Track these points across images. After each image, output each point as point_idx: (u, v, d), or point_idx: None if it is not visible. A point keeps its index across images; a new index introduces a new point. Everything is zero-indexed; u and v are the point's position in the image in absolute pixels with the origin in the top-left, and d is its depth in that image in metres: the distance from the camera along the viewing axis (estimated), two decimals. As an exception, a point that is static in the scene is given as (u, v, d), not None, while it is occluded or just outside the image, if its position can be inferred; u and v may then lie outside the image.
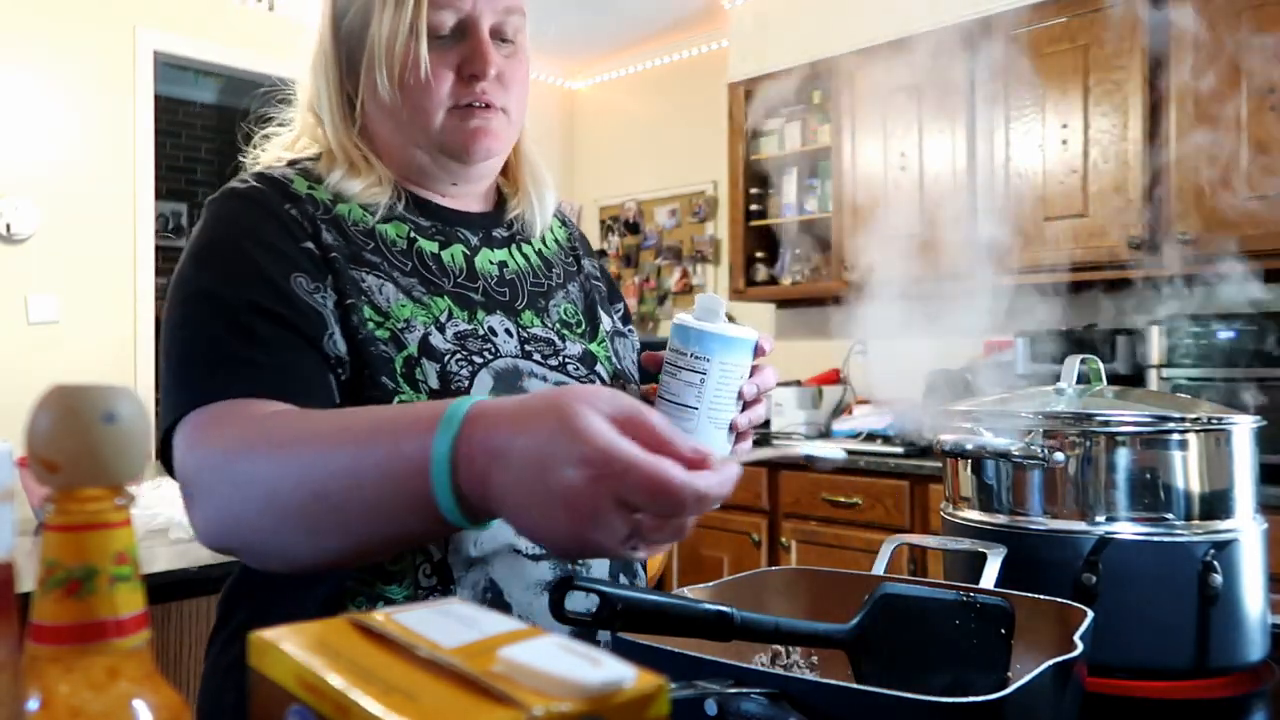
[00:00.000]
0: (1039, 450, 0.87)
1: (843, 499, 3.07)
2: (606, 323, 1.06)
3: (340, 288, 0.85)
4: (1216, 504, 0.86)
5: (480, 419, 0.62)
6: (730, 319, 0.92)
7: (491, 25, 0.91)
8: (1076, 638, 0.62)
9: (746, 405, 0.88)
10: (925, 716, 0.53)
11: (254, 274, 0.82)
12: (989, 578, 0.80)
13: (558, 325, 0.99)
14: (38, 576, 0.36)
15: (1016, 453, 0.88)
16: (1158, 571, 0.83)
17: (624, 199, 4.70)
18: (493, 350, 0.90)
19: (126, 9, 3.66)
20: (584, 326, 1.02)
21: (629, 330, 1.10)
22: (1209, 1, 2.65)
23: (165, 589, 1.52)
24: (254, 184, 0.90)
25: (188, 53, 3.83)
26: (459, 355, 0.87)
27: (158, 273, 3.74)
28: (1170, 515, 0.85)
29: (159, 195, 3.92)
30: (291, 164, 0.95)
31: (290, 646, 0.36)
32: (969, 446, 0.91)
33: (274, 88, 1.03)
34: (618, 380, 1.01)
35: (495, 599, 0.84)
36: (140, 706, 0.36)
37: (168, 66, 4.05)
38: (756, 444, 0.86)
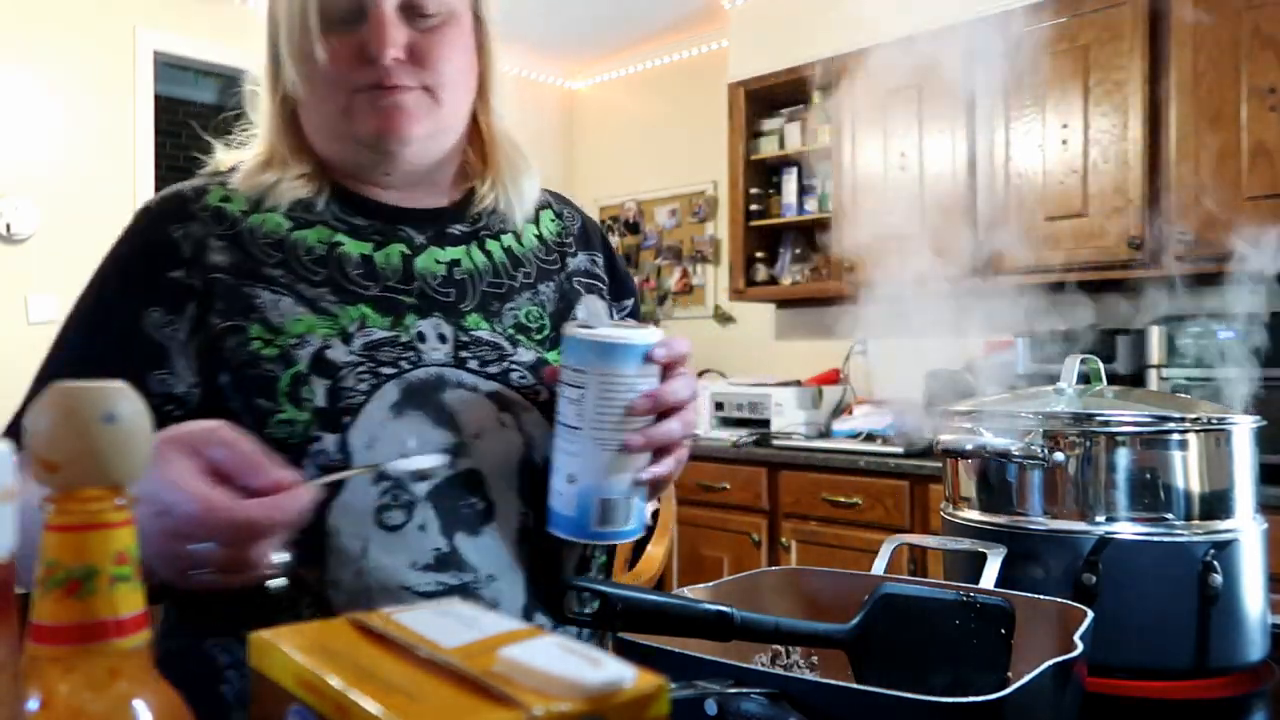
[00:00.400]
0: (1039, 450, 0.87)
1: (843, 499, 3.07)
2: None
3: (220, 309, 0.84)
4: (1216, 504, 0.86)
5: None
6: (665, 325, 0.87)
7: (389, 7, 0.85)
8: (1076, 638, 0.62)
9: (661, 418, 0.77)
10: (925, 716, 0.53)
11: (110, 306, 0.86)
12: (989, 578, 0.80)
13: (510, 330, 0.93)
14: (37, 577, 0.36)
15: (1016, 453, 0.88)
16: (1158, 571, 0.83)
17: (624, 199, 4.70)
18: (413, 359, 0.86)
19: (126, 9, 3.66)
20: (546, 332, 0.95)
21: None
22: (1209, 2, 2.65)
23: (165, 589, 1.52)
24: (165, 197, 0.91)
25: (188, 53, 3.83)
26: (361, 368, 0.84)
27: (158, 273, 3.73)
28: (1170, 515, 0.85)
29: (159, 195, 3.91)
30: (234, 168, 0.93)
31: (290, 647, 0.36)
32: (969, 446, 0.91)
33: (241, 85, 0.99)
34: None
35: None
36: (140, 707, 0.36)
37: (168, 66, 4.05)
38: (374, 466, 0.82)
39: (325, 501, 0.79)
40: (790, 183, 3.81)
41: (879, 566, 0.88)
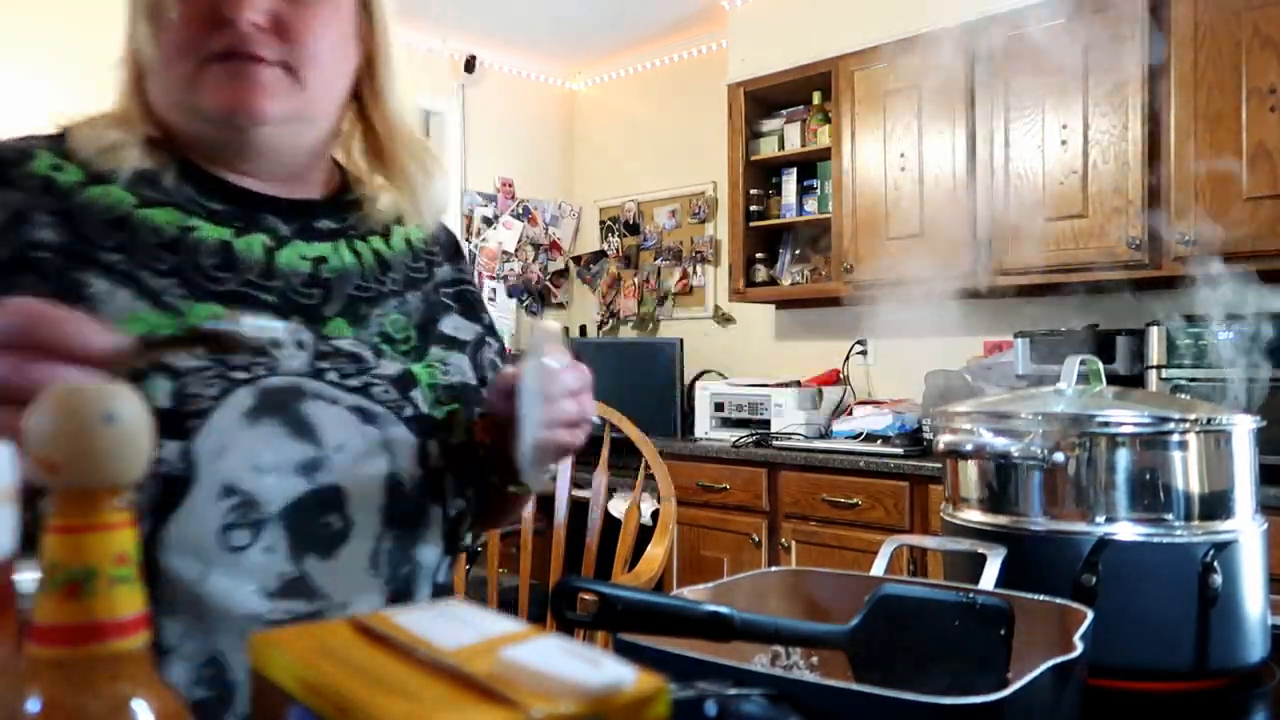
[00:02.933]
0: (1039, 451, 0.87)
1: (843, 500, 3.07)
2: (473, 332, 0.95)
3: (47, 295, 0.70)
4: (1216, 505, 0.86)
5: None
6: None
7: None
8: (1076, 638, 0.62)
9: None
10: (925, 717, 0.53)
11: None
12: (989, 579, 0.80)
13: (375, 338, 0.85)
14: (38, 577, 0.36)
15: (1016, 453, 0.88)
16: (1158, 572, 0.83)
17: (624, 199, 4.70)
18: (268, 365, 0.77)
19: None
20: (412, 343, 0.88)
21: (490, 341, 0.98)
22: (1209, 2, 2.65)
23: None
24: None
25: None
26: (210, 371, 0.74)
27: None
28: (1170, 516, 0.85)
29: (159, 196, 3.91)
30: (66, 131, 0.81)
31: (291, 648, 0.36)
32: (969, 447, 0.91)
33: None
34: (440, 405, 0.87)
35: (218, 679, 0.72)
36: (140, 708, 0.36)
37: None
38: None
39: (158, 517, 0.70)
40: (790, 183, 3.82)
41: (878, 567, 0.88)
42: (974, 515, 0.93)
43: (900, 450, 3.06)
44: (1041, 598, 0.73)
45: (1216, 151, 2.64)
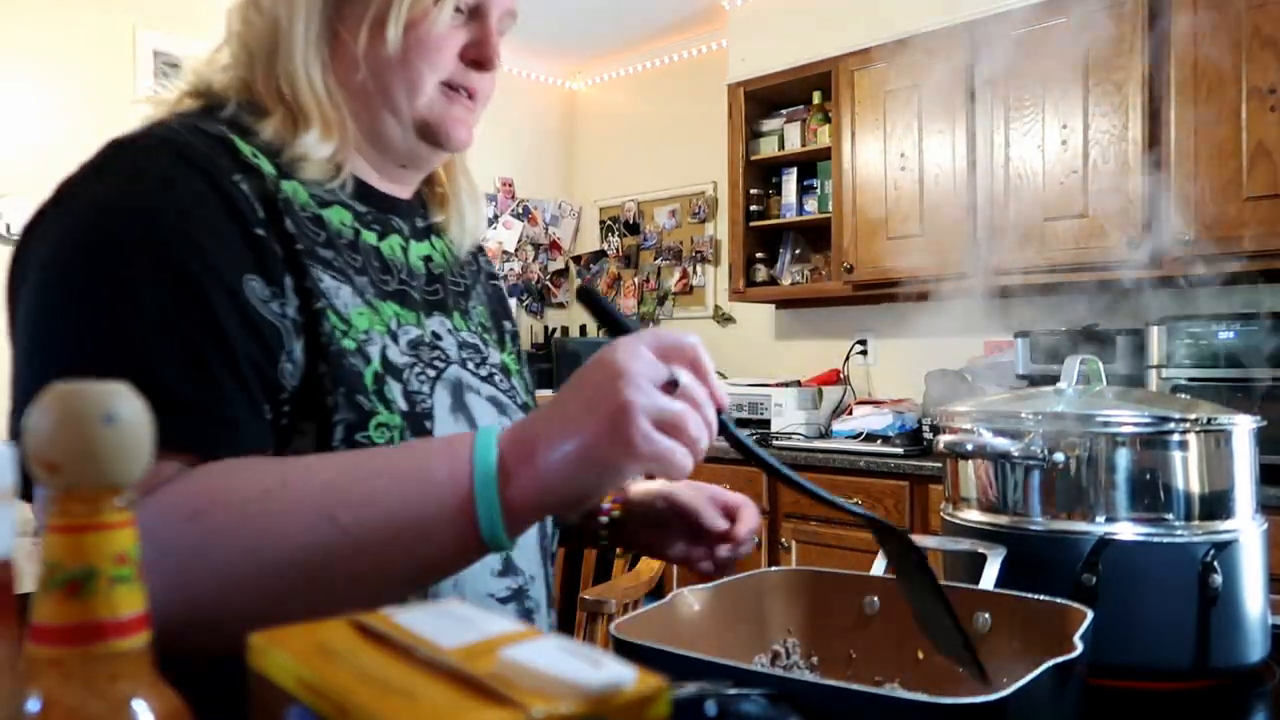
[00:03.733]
0: (1039, 451, 0.87)
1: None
2: (507, 327, 0.98)
3: (305, 288, 0.71)
4: (1216, 504, 0.86)
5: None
6: None
7: (496, 18, 0.84)
8: (1076, 638, 0.62)
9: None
10: (925, 717, 0.53)
11: (202, 270, 0.65)
12: (989, 578, 0.80)
13: (479, 329, 0.90)
14: (38, 577, 0.36)
15: (1016, 453, 0.87)
16: (1158, 572, 0.83)
17: (624, 199, 4.70)
18: (442, 358, 0.81)
19: (126, 9, 3.66)
20: (495, 334, 0.93)
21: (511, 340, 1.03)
22: (1209, 2, 2.65)
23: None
24: (191, 140, 0.70)
25: (188, 53, 3.82)
26: (416, 368, 0.78)
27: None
28: (1170, 516, 0.85)
29: (159, 195, 3.92)
30: (211, 117, 0.76)
31: (290, 647, 0.36)
32: (969, 446, 0.91)
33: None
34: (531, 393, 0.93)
35: None
36: (140, 707, 0.36)
37: (168, 66, 4.05)
38: None
39: None
40: (790, 183, 3.81)
41: (879, 567, 0.88)
42: (974, 515, 0.93)
43: (900, 450, 3.06)
44: (1042, 598, 0.73)
45: (1216, 151, 2.64)
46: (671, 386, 0.59)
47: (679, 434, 0.59)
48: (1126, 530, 0.84)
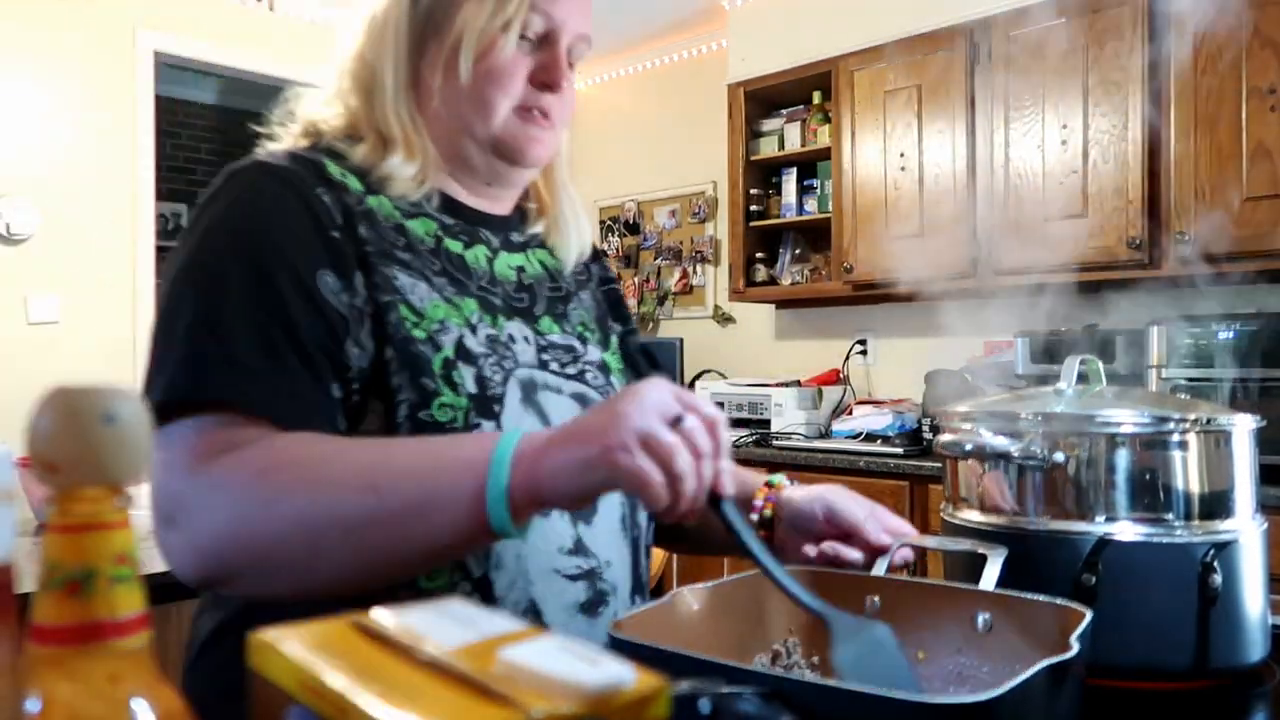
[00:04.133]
0: (1039, 451, 0.87)
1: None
2: (617, 330, 1.07)
3: (375, 283, 0.82)
4: (1216, 504, 0.86)
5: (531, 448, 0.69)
6: None
7: (567, 44, 0.91)
8: (1073, 639, 0.62)
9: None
10: (919, 716, 0.53)
11: (281, 268, 0.79)
12: (989, 579, 0.80)
13: (578, 330, 0.99)
14: (39, 577, 0.36)
15: (1016, 453, 0.87)
16: (1158, 572, 0.83)
17: (624, 199, 4.70)
18: (513, 360, 0.89)
19: (126, 10, 3.66)
20: (598, 336, 1.02)
21: (631, 340, 1.11)
22: (1209, 2, 2.65)
23: (165, 589, 1.51)
24: (285, 163, 0.85)
25: (188, 53, 3.83)
26: (492, 359, 0.86)
27: (157, 273, 3.74)
28: (1170, 516, 0.85)
29: (159, 196, 3.92)
30: (314, 147, 0.91)
31: (290, 647, 0.36)
32: (969, 446, 0.91)
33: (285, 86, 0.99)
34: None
35: (534, 620, 0.83)
36: (140, 707, 0.36)
37: (168, 67, 4.05)
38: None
39: None
40: (790, 183, 3.81)
41: (879, 568, 0.88)
42: (974, 515, 0.93)
43: (900, 450, 3.06)
44: (1041, 598, 0.73)
45: (1216, 151, 2.64)
46: (676, 424, 0.65)
47: (664, 462, 0.64)
48: (1126, 530, 0.84)
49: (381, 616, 0.39)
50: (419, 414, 0.80)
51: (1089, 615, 0.68)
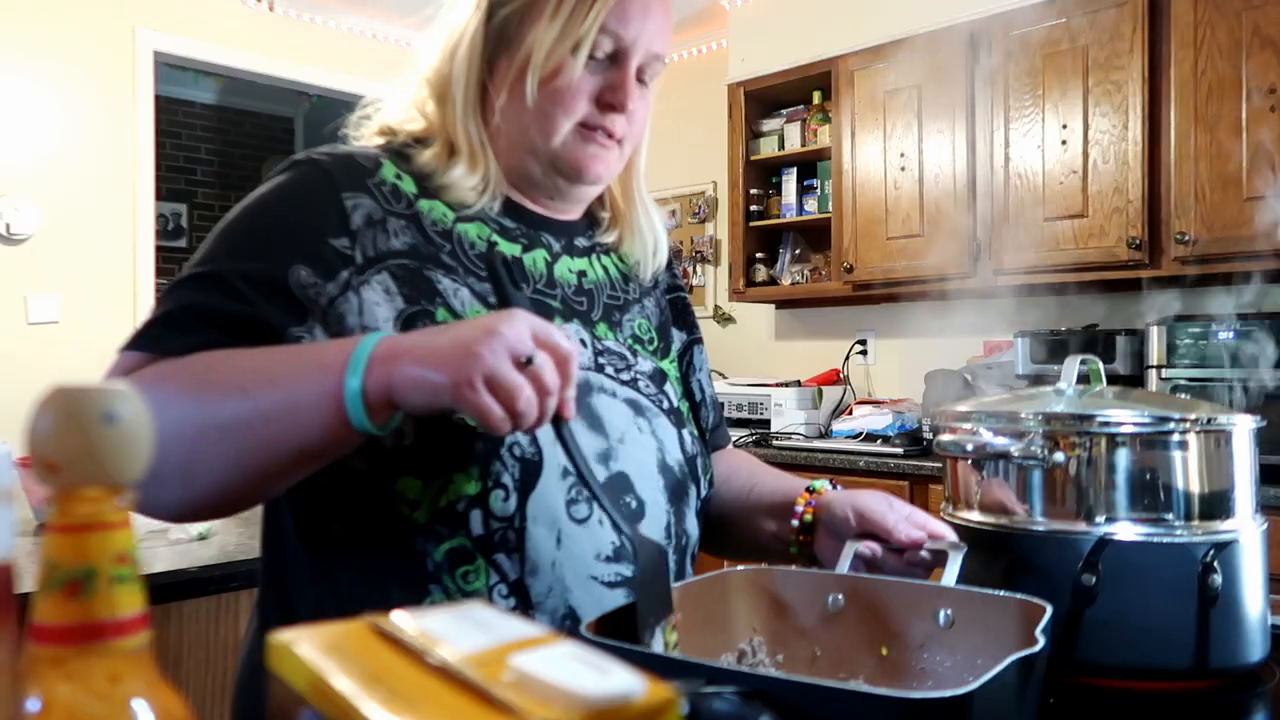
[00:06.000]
0: (1039, 451, 0.87)
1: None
2: (680, 339, 1.07)
3: (406, 295, 0.84)
4: (1216, 504, 0.86)
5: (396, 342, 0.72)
6: None
7: (639, 64, 0.91)
8: (1038, 632, 0.62)
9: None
10: (893, 712, 0.53)
11: (267, 249, 0.83)
12: (950, 576, 0.80)
13: (630, 340, 0.99)
14: (39, 577, 0.36)
15: (1016, 453, 0.87)
16: (1157, 572, 0.83)
17: (624, 199, 4.69)
18: None
19: (126, 9, 3.66)
20: (657, 343, 1.02)
21: (696, 349, 1.10)
22: (1209, 2, 2.65)
23: (165, 589, 1.52)
24: (334, 161, 0.88)
25: (188, 53, 3.83)
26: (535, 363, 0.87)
27: (158, 273, 3.74)
28: (1170, 516, 0.85)
29: (159, 196, 3.92)
30: (387, 146, 0.94)
31: (304, 649, 0.36)
32: (969, 446, 0.91)
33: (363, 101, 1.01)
34: (688, 397, 1.02)
35: (574, 627, 0.82)
36: (141, 707, 0.36)
37: (168, 66, 4.05)
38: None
39: (523, 491, 0.83)
40: (790, 183, 3.82)
41: (843, 566, 0.87)
42: (974, 515, 0.93)
43: (900, 450, 3.06)
44: (1002, 593, 0.73)
45: (1216, 151, 2.64)
46: (527, 364, 0.69)
47: (506, 401, 0.68)
48: (1126, 530, 0.84)
49: (400, 620, 0.39)
50: (454, 417, 0.80)
51: (1049, 609, 0.68)
